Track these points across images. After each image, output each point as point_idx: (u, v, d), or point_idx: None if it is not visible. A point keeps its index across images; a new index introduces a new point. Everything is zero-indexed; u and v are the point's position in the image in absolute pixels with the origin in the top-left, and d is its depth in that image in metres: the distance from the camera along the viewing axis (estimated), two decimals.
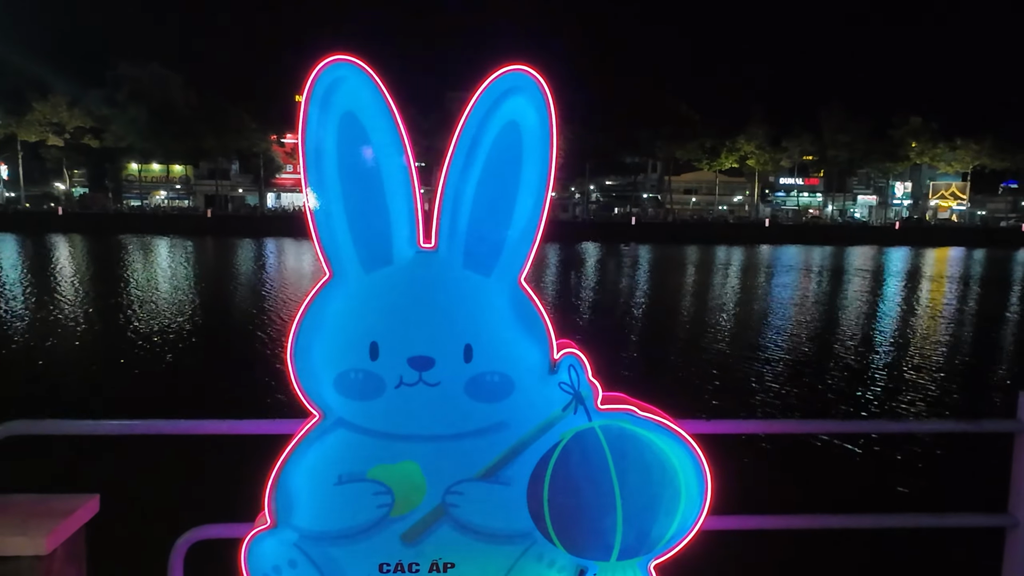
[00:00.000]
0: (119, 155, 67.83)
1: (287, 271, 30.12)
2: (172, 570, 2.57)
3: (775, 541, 3.86)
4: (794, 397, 10.54)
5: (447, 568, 2.05)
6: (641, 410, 2.04)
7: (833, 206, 78.94)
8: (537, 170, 1.88)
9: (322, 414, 1.95)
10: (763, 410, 9.68)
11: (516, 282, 1.94)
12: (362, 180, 1.85)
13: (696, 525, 2.10)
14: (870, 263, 37.99)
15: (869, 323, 17.52)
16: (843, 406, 10.22)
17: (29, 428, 2.57)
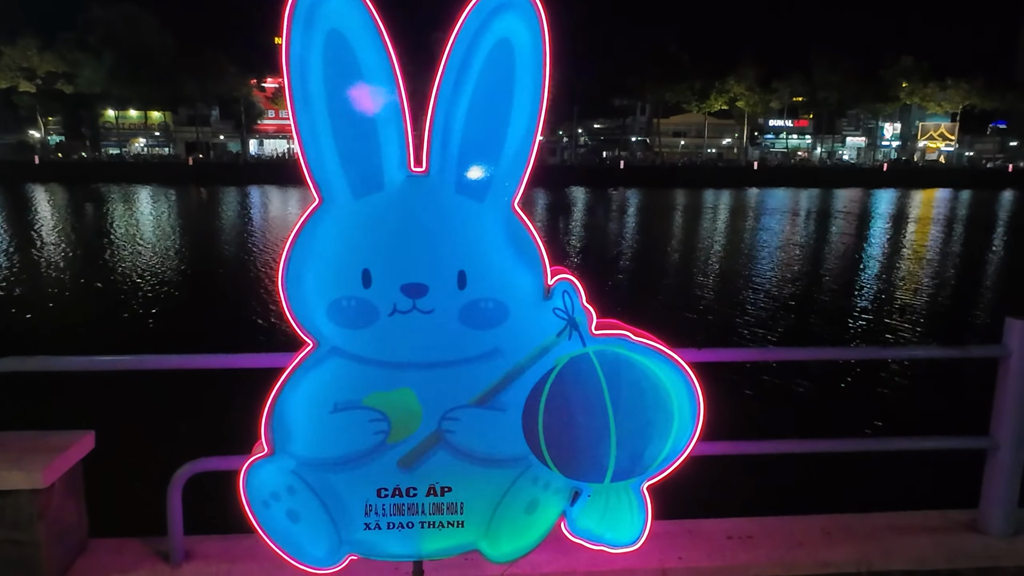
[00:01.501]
0: (94, 101, 65.90)
1: (274, 220, 29.77)
2: (171, 502, 2.61)
3: (762, 466, 3.96)
4: (777, 333, 10.69)
5: (444, 492, 2.09)
6: (635, 336, 2.05)
7: (822, 148, 78.54)
8: (530, 91, 1.83)
9: (316, 342, 1.94)
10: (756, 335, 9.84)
11: (509, 207, 1.91)
12: (350, 102, 1.79)
13: (688, 448, 2.14)
14: (856, 206, 38.06)
15: (852, 264, 17.66)
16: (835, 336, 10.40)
17: (21, 365, 2.56)
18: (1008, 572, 2.85)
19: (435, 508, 2.09)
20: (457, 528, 2.12)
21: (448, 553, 2.14)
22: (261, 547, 2.71)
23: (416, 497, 2.08)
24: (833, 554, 2.88)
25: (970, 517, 3.13)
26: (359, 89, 1.78)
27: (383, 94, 1.79)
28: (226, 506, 2.79)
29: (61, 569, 2.60)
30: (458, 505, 2.10)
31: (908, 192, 49.80)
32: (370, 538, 2.09)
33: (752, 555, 2.83)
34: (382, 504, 2.07)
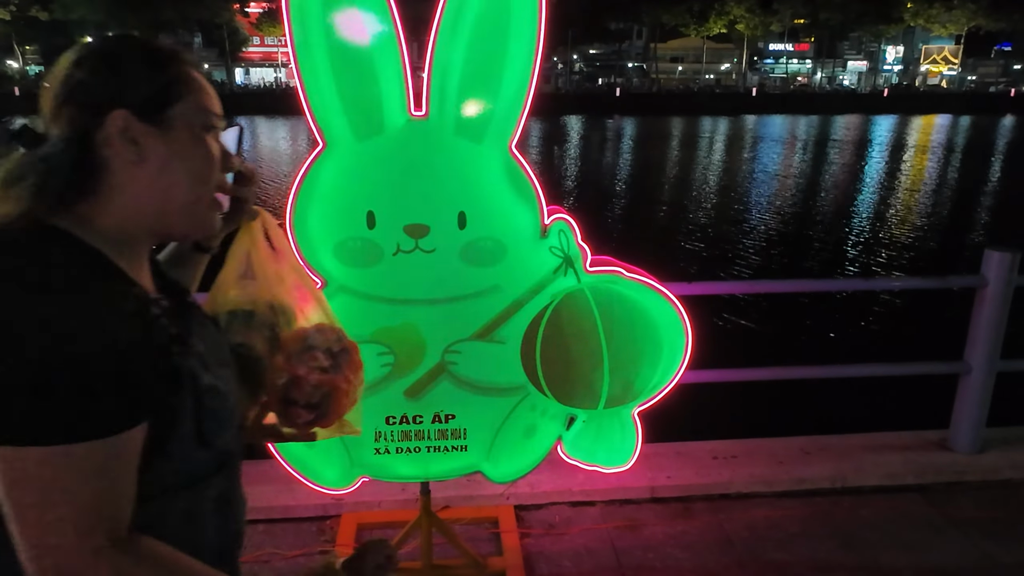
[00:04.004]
0: (72, 28, 63.57)
1: (267, 150, 29.35)
2: None
3: (746, 392, 4.16)
4: (773, 261, 10.85)
5: (448, 419, 2.23)
6: (627, 272, 2.15)
7: (822, 73, 76.87)
8: (526, 33, 1.86)
9: (324, 281, 2.04)
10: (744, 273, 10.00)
11: (507, 149, 1.97)
12: (350, 47, 1.82)
13: (677, 376, 2.28)
14: (854, 133, 37.63)
15: (846, 195, 17.67)
16: (822, 269, 10.57)
17: None
18: (973, 485, 3.08)
19: (440, 434, 2.24)
20: (461, 452, 2.27)
21: (453, 474, 2.31)
22: (274, 471, 2.88)
23: (422, 424, 2.22)
24: (809, 471, 3.09)
25: (941, 437, 3.34)
26: (360, 34, 1.82)
27: (383, 39, 1.82)
28: None
29: None
30: (461, 431, 2.25)
31: (908, 119, 49.14)
32: (380, 461, 2.25)
33: (735, 472, 3.04)
34: (391, 431, 2.22)
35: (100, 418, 0.76)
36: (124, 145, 0.85)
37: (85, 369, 0.74)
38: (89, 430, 0.76)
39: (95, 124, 0.84)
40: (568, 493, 2.88)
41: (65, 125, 0.85)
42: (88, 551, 0.76)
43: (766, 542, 2.70)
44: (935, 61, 76.08)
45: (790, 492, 2.99)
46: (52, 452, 0.74)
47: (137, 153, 0.86)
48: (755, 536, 2.73)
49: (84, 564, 0.76)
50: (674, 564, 2.57)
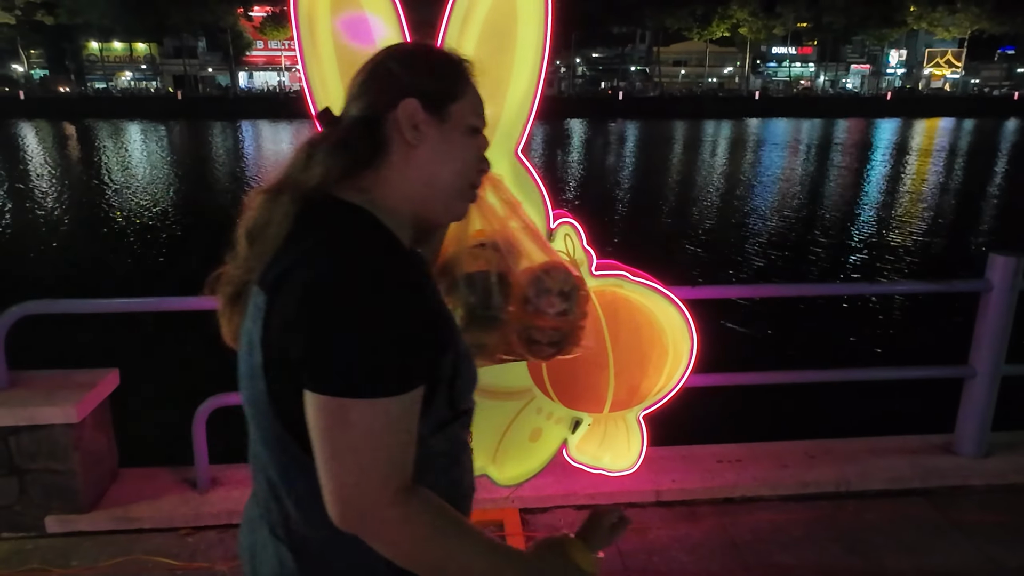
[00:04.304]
0: (77, 33, 63.88)
1: (270, 154, 29.44)
2: (196, 433, 2.78)
3: (749, 396, 4.16)
4: (776, 265, 10.85)
5: None
6: (633, 276, 2.16)
7: (825, 77, 76.86)
8: (533, 40, 1.88)
9: None
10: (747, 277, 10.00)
11: (513, 153, 1.99)
12: (357, 50, 1.84)
13: (682, 381, 2.29)
14: (856, 137, 37.61)
15: (849, 199, 17.66)
16: (824, 274, 10.56)
17: (45, 307, 2.67)
18: (978, 489, 3.07)
19: None
20: None
21: None
22: None
23: None
24: (814, 474, 3.09)
25: (946, 441, 3.34)
26: (367, 39, 1.83)
27: (390, 41, 1.84)
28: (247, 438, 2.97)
29: (96, 495, 2.79)
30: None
31: (911, 122, 49.11)
32: None
33: (740, 476, 3.04)
34: None
35: (407, 375, 0.85)
36: (408, 129, 0.97)
37: (406, 330, 0.84)
38: (400, 386, 0.84)
39: (389, 107, 0.97)
40: (573, 496, 2.88)
41: (364, 106, 0.99)
42: (388, 496, 0.85)
43: (771, 546, 2.70)
44: (938, 64, 76.05)
45: (795, 496, 2.99)
46: (373, 405, 0.82)
47: (416, 138, 0.98)
48: (760, 540, 2.73)
49: (383, 507, 0.85)
50: (679, 568, 2.57)
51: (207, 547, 2.65)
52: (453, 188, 1.03)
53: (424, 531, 0.87)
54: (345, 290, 0.83)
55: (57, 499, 2.68)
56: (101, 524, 2.70)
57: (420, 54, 1.04)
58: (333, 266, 0.85)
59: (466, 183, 1.04)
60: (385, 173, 0.98)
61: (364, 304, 0.83)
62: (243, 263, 0.98)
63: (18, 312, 2.61)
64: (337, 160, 0.96)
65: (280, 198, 0.96)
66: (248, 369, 0.94)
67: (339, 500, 0.85)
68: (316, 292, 0.84)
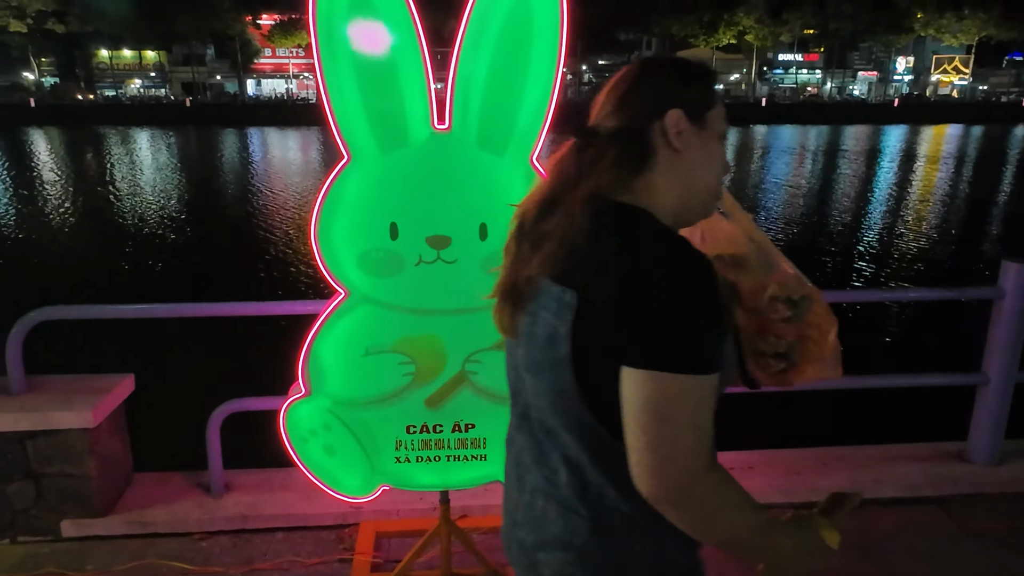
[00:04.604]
0: (87, 41, 64.45)
1: (278, 160, 29.59)
2: (210, 439, 2.80)
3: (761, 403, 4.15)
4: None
5: (468, 428, 2.25)
6: None
7: (832, 83, 76.80)
8: (548, 48, 1.89)
9: (348, 291, 2.07)
10: None
11: (528, 161, 2.00)
12: (375, 62, 1.86)
13: None
14: (864, 144, 37.53)
15: (856, 206, 17.62)
16: (831, 281, 10.53)
17: (62, 313, 2.70)
18: (991, 497, 3.06)
19: (460, 443, 2.26)
20: (481, 461, 2.29)
21: (473, 483, 2.33)
22: (294, 478, 2.93)
23: (442, 433, 2.24)
24: (826, 481, 3.08)
25: (959, 448, 3.32)
26: (384, 51, 1.85)
27: (407, 54, 1.86)
28: (260, 443, 2.99)
29: (111, 499, 2.81)
30: (481, 440, 2.27)
31: (919, 129, 48.97)
32: (401, 470, 2.27)
33: (752, 483, 3.03)
34: (411, 440, 2.24)
35: (718, 355, 0.94)
36: (674, 137, 1.06)
37: (715, 314, 0.94)
38: (714, 365, 0.92)
39: (655, 118, 1.05)
40: None
41: (627, 118, 1.07)
42: (701, 470, 0.91)
43: None
44: (946, 71, 75.85)
45: (807, 503, 2.98)
46: (696, 381, 0.90)
47: (681, 144, 1.06)
48: None
49: (697, 481, 0.91)
50: None
51: (220, 551, 2.67)
52: (710, 189, 1.12)
53: (725, 505, 0.95)
54: (666, 277, 0.91)
55: (73, 503, 2.70)
56: (116, 528, 2.72)
57: (679, 67, 1.11)
58: (649, 258, 0.93)
59: (719, 184, 1.14)
60: (652, 178, 1.07)
61: (684, 289, 0.91)
62: (522, 264, 1.12)
63: (36, 317, 2.63)
64: (617, 169, 1.05)
65: (562, 206, 1.05)
66: (548, 360, 1.03)
67: (655, 473, 0.91)
68: (640, 281, 0.91)
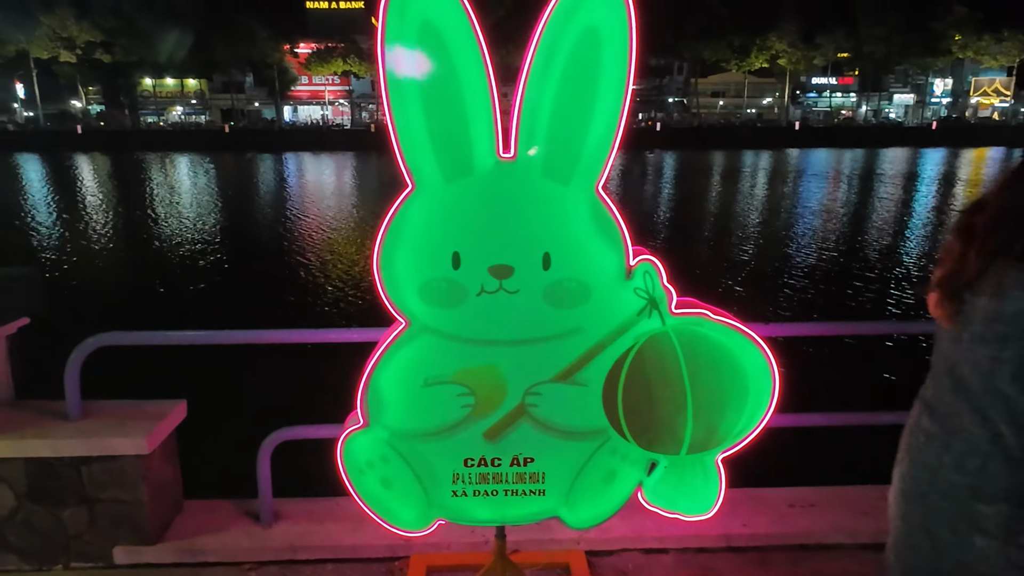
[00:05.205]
0: (132, 70, 66.74)
1: (312, 185, 30.11)
2: (260, 467, 2.78)
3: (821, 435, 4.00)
4: (818, 299, 10.57)
5: (527, 462, 2.19)
6: (714, 314, 2.10)
7: (867, 106, 75.84)
8: (616, 76, 1.86)
9: (408, 321, 2.04)
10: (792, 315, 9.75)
11: (594, 190, 1.96)
12: (442, 91, 1.85)
13: (763, 421, 2.20)
14: (902, 168, 36.87)
15: (897, 229, 17.24)
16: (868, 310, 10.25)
17: (118, 339, 2.72)
18: None
19: (518, 477, 2.20)
20: (539, 496, 2.23)
21: (530, 519, 2.26)
22: (343, 508, 2.89)
23: (500, 467, 2.19)
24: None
25: None
26: (451, 79, 1.84)
27: (474, 83, 1.84)
28: (306, 469, 2.96)
29: (162, 526, 2.80)
30: (540, 474, 2.21)
31: (959, 152, 48.00)
32: (457, 504, 2.21)
33: (814, 522, 2.91)
34: (469, 473, 2.19)
35: None
36: None
37: None
38: None
39: None
40: (640, 539, 2.79)
41: None
42: None
43: None
44: (986, 93, 74.47)
45: (874, 544, 2.84)
46: None
47: None
48: None
49: None
50: None
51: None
52: None
53: None
54: None
55: (125, 530, 2.69)
56: (167, 556, 2.70)
57: None
58: None
59: None
60: None
61: None
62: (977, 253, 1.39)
63: (93, 344, 2.65)
64: None
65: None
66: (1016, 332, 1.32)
67: None
68: None
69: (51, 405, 2.81)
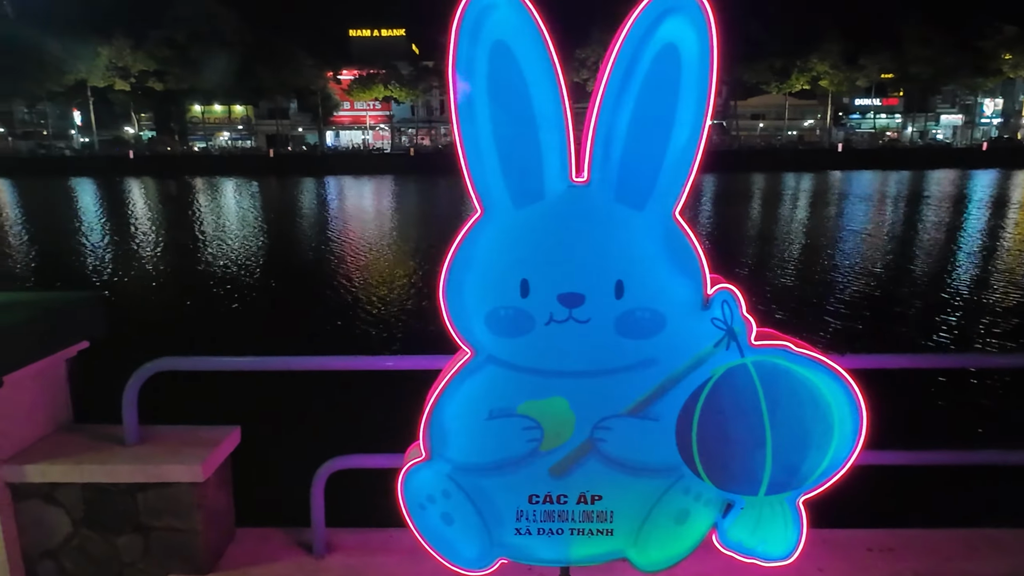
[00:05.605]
0: (182, 97, 69.16)
1: (352, 208, 30.58)
2: (314, 497, 2.71)
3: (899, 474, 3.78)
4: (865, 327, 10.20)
5: (594, 500, 2.08)
6: (796, 346, 1.98)
7: (913, 128, 74.18)
8: (695, 96, 1.78)
9: (474, 351, 1.97)
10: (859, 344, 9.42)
11: (670, 216, 1.87)
12: (514, 113, 1.79)
13: (848, 461, 2.06)
14: (950, 189, 35.81)
15: (946, 254, 16.64)
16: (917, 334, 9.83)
17: (176, 364, 2.70)
18: None
19: (585, 516, 2.10)
20: (606, 536, 2.11)
21: (596, 560, 2.15)
22: (397, 541, 2.80)
23: (567, 504, 2.08)
24: (980, 569, 2.73)
25: None
26: (523, 101, 1.78)
27: (547, 105, 1.78)
28: (359, 500, 2.88)
29: (215, 555, 2.75)
30: (608, 513, 2.09)
31: (1011, 173, 46.45)
32: (520, 543, 2.11)
33: (895, 568, 2.72)
34: (533, 510, 2.09)
35: None
36: None
37: None
38: None
39: None
40: None
41: None
42: None
43: None
44: None
45: None
46: None
47: None
48: None
49: None
50: None
51: None
52: None
53: None
54: None
55: (178, 559, 2.65)
56: None
57: None
58: None
59: None
60: None
61: None
62: None
63: (151, 368, 2.64)
64: None
65: None
66: None
67: None
68: None
69: (107, 429, 2.80)
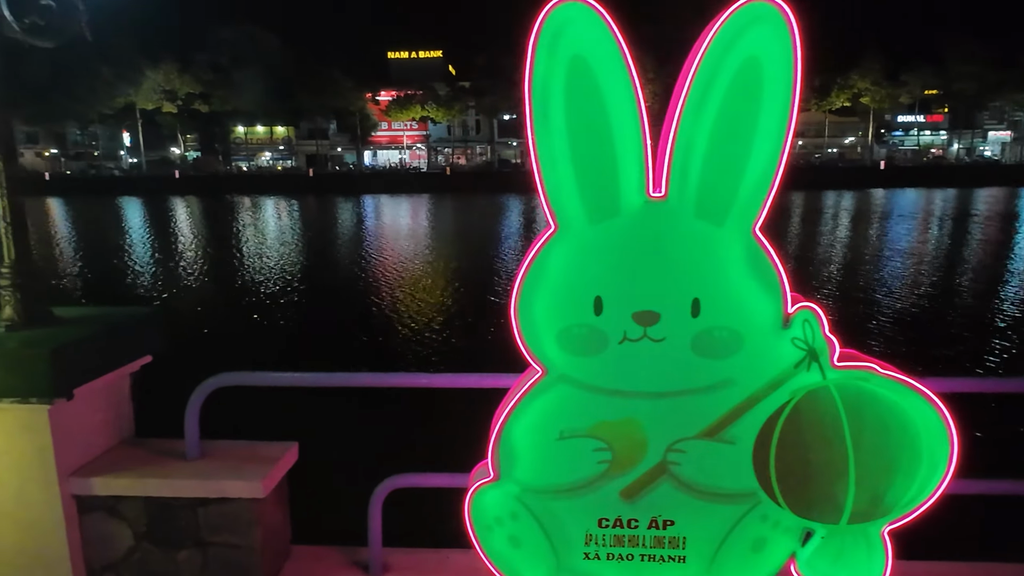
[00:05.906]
0: (226, 119, 71.11)
1: (389, 227, 30.93)
2: (371, 516, 2.68)
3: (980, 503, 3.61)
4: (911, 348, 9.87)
5: (666, 525, 2.02)
6: (882, 368, 1.90)
7: (959, 144, 72.32)
8: (778, 109, 1.73)
9: (545, 369, 1.93)
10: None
11: (750, 232, 1.82)
12: (590, 128, 1.76)
13: (938, 490, 1.95)
14: (999, 207, 34.72)
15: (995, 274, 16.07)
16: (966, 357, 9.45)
17: (239, 379, 2.71)
18: None
19: (656, 541, 2.03)
20: (678, 563, 2.04)
21: None
22: (455, 561, 2.76)
23: (637, 529, 2.02)
24: None
25: None
26: (600, 116, 1.75)
27: (625, 120, 1.75)
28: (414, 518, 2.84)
29: (271, 573, 2.74)
30: (680, 539, 2.02)
31: None
32: (589, 568, 2.05)
33: None
34: (602, 535, 2.03)
35: None
36: None
37: None
38: None
39: None
40: None
41: None
42: None
43: None
44: None
45: None
46: None
47: None
48: None
49: None
50: None
51: None
52: None
53: None
54: None
55: (235, 575, 2.64)
56: None
57: None
58: None
59: None
60: None
61: None
62: None
63: (214, 383, 2.65)
64: None
65: None
66: None
67: None
68: None
69: (168, 444, 2.82)
